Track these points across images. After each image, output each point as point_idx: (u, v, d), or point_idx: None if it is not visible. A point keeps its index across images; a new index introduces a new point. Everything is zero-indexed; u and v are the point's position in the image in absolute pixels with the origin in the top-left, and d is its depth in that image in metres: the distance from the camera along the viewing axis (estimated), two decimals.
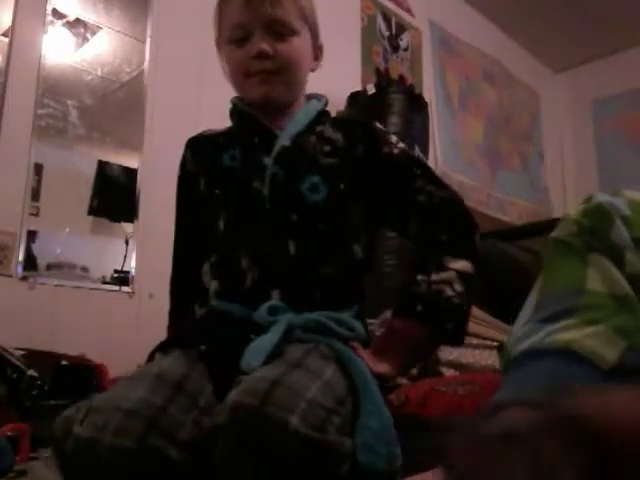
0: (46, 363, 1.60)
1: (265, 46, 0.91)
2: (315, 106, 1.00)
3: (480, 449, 0.32)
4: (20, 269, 1.91)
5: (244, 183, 0.93)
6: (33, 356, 1.61)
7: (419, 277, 0.88)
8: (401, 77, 3.35)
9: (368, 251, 0.96)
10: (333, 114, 1.04)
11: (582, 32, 4.20)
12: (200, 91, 2.41)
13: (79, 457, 0.68)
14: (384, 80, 3.03)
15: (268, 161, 0.92)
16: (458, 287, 0.87)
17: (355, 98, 2.69)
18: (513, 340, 0.51)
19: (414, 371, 1.60)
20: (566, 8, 3.91)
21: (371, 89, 2.67)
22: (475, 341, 1.71)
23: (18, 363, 1.51)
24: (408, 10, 3.57)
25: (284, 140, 0.93)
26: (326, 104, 1.02)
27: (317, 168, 0.92)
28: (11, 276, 1.88)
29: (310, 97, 1.03)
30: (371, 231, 0.97)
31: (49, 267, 2.01)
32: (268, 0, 0.92)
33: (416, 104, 2.69)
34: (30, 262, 1.95)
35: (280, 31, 0.93)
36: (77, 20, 2.21)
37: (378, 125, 1.00)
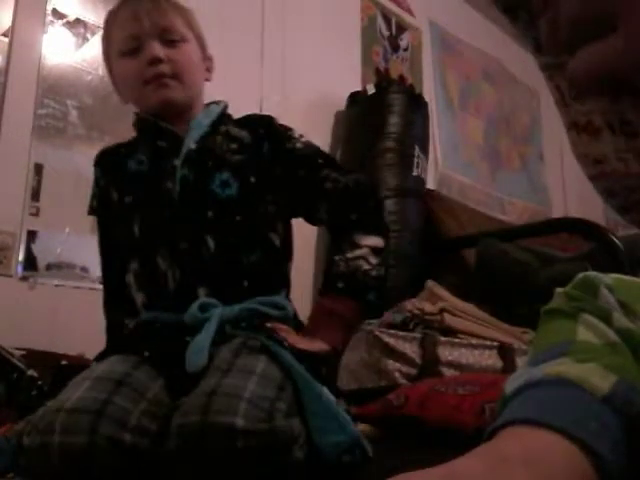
0: (46, 363, 1.60)
1: (158, 51, 0.95)
2: (215, 109, 1.04)
3: None
4: (20, 269, 1.91)
5: (154, 185, 0.97)
6: (33, 356, 1.61)
7: (336, 257, 0.93)
8: (401, 77, 3.34)
9: (285, 240, 1.01)
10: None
11: None
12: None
13: (31, 466, 0.69)
14: (384, 80, 3.03)
15: (177, 163, 0.96)
16: (373, 260, 0.93)
17: (355, 98, 2.69)
18: (507, 384, 0.52)
19: (414, 371, 1.60)
20: None
21: (371, 89, 2.67)
22: (475, 341, 1.71)
23: (18, 363, 1.51)
24: (408, 10, 3.57)
25: (190, 143, 0.97)
26: (226, 107, 1.06)
27: (226, 165, 0.96)
28: (11, 276, 1.88)
29: (209, 105, 1.06)
30: (286, 221, 1.02)
31: (49, 267, 2.01)
32: (154, 9, 0.96)
33: (416, 104, 2.69)
34: (30, 262, 1.94)
35: (169, 38, 0.97)
36: (77, 20, 2.21)
37: (278, 122, 1.04)
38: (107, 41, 1.03)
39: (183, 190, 0.94)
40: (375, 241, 0.95)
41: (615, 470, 0.43)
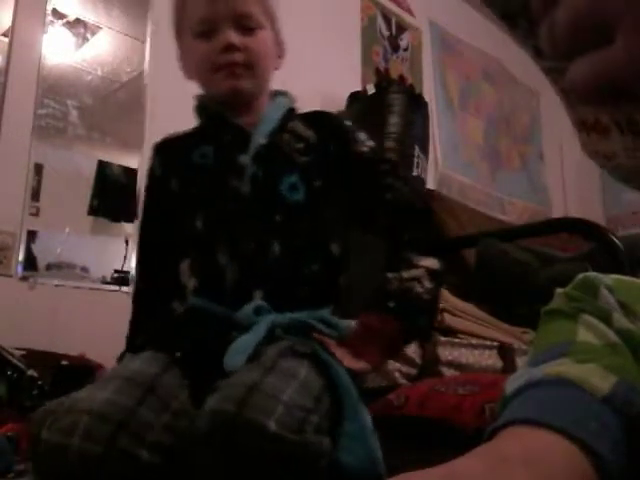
0: (46, 363, 1.60)
1: (233, 39, 0.91)
2: (283, 102, 1.00)
3: None
4: (20, 269, 1.91)
5: (220, 181, 0.93)
6: (33, 356, 1.61)
7: (390, 275, 0.89)
8: (401, 77, 3.35)
9: (344, 250, 0.96)
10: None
11: None
12: (199, 91, 2.41)
13: (49, 462, 0.68)
14: (384, 80, 3.03)
15: (245, 159, 0.92)
16: (427, 284, 0.89)
17: (355, 98, 2.69)
18: (508, 384, 0.52)
19: (414, 371, 1.60)
20: None
21: (371, 89, 2.67)
22: (475, 341, 1.71)
23: (18, 363, 1.51)
24: (408, 10, 3.57)
25: (260, 138, 0.93)
26: (293, 101, 1.02)
27: (294, 167, 0.93)
28: (11, 276, 1.88)
29: (275, 94, 1.02)
30: (346, 230, 0.98)
31: (49, 267, 2.01)
32: None
33: (416, 104, 2.69)
34: (30, 262, 1.95)
35: (246, 25, 0.93)
36: (77, 20, 2.21)
37: (347, 122, 1.00)
38: (180, 15, 1.00)
39: (253, 189, 0.91)
40: (432, 263, 0.91)
41: (615, 470, 0.43)
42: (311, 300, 0.88)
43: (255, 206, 0.91)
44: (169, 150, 1.03)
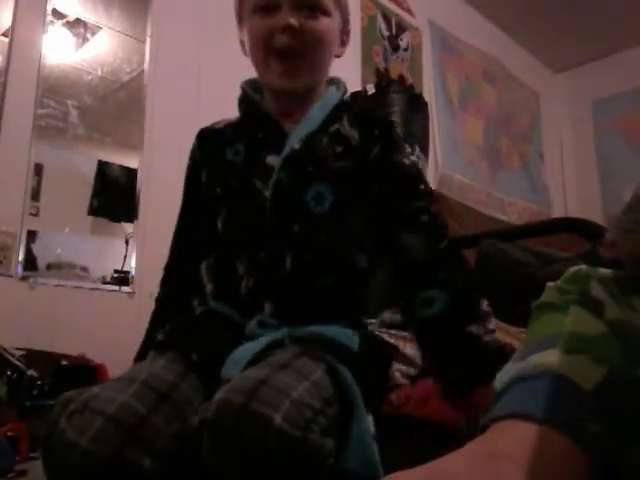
0: (46, 363, 1.60)
1: (294, 20, 0.86)
2: (333, 97, 0.94)
3: None
4: (20, 269, 1.91)
5: (245, 182, 0.89)
6: (33, 356, 1.61)
7: (476, 330, 0.81)
8: (401, 77, 3.35)
9: (373, 258, 0.91)
10: None
11: (582, 32, 4.20)
12: (199, 91, 2.41)
13: (58, 454, 0.68)
14: (384, 80, 3.03)
15: (274, 161, 0.87)
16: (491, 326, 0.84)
17: (355, 98, 2.69)
18: (497, 379, 0.52)
19: (414, 371, 1.60)
20: (566, 8, 3.91)
21: (371, 89, 2.67)
22: None
23: (18, 363, 1.51)
24: (408, 10, 3.57)
25: (294, 142, 0.88)
26: (344, 93, 0.96)
27: (325, 174, 0.87)
28: (11, 276, 1.88)
29: (330, 82, 0.97)
30: (374, 239, 0.93)
31: (49, 267, 2.01)
32: None
33: (416, 104, 2.69)
34: (30, 262, 1.94)
35: (311, 8, 0.88)
36: (77, 20, 2.21)
37: (397, 129, 0.96)
38: None
39: (276, 197, 0.86)
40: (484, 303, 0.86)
41: (606, 462, 0.43)
42: (325, 312, 0.84)
43: (273, 214, 0.86)
44: (208, 140, 0.98)
